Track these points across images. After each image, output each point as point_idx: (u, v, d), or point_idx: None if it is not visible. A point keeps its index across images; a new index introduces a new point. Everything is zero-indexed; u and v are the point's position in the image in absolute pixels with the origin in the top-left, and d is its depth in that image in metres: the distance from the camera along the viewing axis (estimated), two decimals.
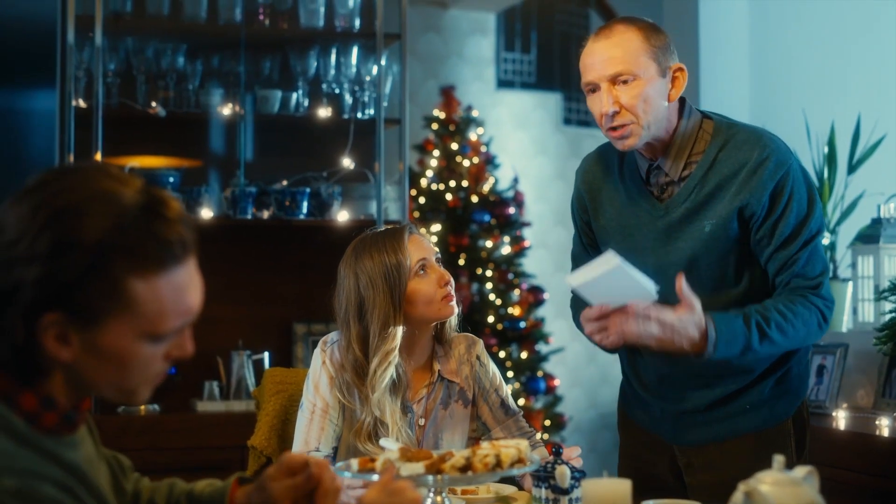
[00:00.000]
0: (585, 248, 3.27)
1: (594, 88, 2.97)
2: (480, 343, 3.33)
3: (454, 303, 3.15)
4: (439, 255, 3.20)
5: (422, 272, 3.11)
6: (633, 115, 2.93)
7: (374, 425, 3.07)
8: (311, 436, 3.11)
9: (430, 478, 2.42)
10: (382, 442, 2.89)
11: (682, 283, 2.80)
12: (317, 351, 3.20)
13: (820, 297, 2.97)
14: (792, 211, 2.94)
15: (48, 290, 1.57)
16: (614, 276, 2.77)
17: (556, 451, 2.77)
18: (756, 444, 3.06)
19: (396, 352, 3.09)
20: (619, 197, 3.12)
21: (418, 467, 2.42)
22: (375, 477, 2.46)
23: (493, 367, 3.31)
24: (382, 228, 3.23)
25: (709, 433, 3.09)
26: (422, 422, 3.17)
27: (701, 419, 3.09)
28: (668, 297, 2.96)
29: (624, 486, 2.28)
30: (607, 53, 2.94)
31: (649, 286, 2.80)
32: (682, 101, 3.06)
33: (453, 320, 3.24)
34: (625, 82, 2.91)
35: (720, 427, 3.08)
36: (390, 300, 3.08)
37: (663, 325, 2.80)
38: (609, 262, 2.75)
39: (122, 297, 1.60)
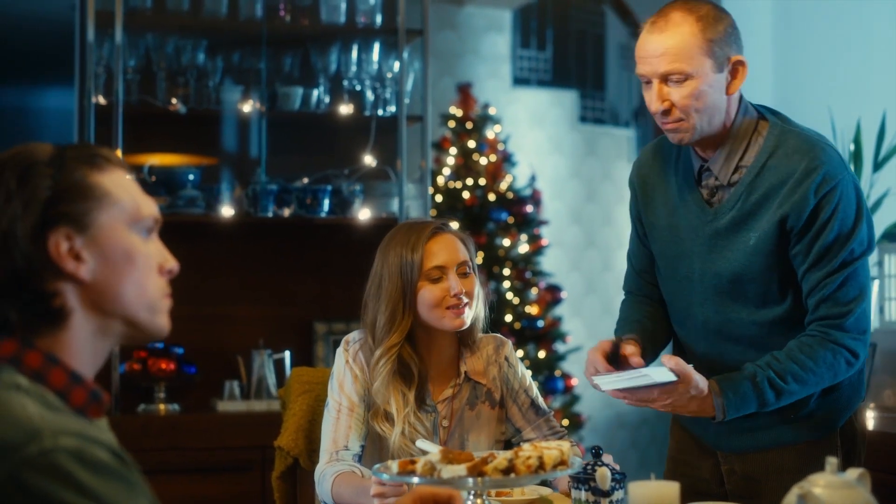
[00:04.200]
0: (641, 241, 3.17)
1: (647, 81, 2.84)
2: (509, 344, 3.29)
3: (465, 316, 3.09)
4: (467, 262, 3.13)
5: (435, 277, 3.07)
6: (684, 114, 2.80)
7: (384, 409, 3.07)
8: (339, 434, 3.07)
9: (471, 480, 2.38)
10: (420, 444, 2.85)
11: (666, 361, 2.74)
12: (339, 350, 3.18)
13: (845, 332, 2.81)
14: (832, 229, 2.78)
15: (37, 212, 1.71)
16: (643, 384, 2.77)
17: (596, 453, 2.73)
18: (800, 456, 2.94)
19: (399, 347, 3.07)
20: (671, 195, 3.01)
21: (460, 469, 2.38)
22: (416, 479, 2.42)
23: (521, 368, 3.27)
24: (419, 220, 3.21)
25: (752, 441, 2.99)
26: (445, 423, 3.13)
27: (744, 426, 2.96)
28: (708, 315, 2.93)
29: (672, 489, 2.23)
30: (660, 48, 2.78)
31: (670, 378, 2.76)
32: (739, 96, 2.91)
33: (480, 322, 3.19)
34: (677, 80, 2.78)
35: (764, 435, 2.97)
36: (401, 295, 3.08)
37: (664, 406, 2.78)
38: (638, 378, 2.74)
39: (95, 192, 1.76)
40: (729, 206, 2.88)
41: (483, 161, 8.21)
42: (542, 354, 8.03)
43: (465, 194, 8.09)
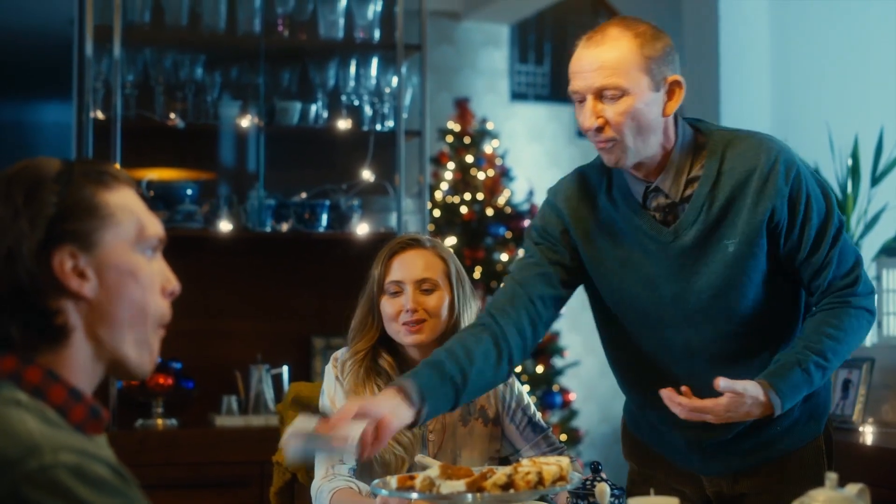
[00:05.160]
0: (547, 261, 2.91)
1: (580, 98, 2.71)
2: None
3: (417, 334, 3.09)
4: (430, 279, 3.12)
5: (393, 292, 3.13)
6: (618, 133, 2.68)
7: None
8: None
9: (470, 496, 2.38)
10: (419, 458, 2.85)
11: (718, 382, 2.61)
12: (328, 367, 3.21)
13: (860, 296, 2.80)
14: (813, 210, 2.75)
15: (42, 229, 1.71)
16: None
17: (596, 468, 2.72)
18: (789, 466, 2.92)
19: (365, 353, 3.13)
20: (612, 225, 2.86)
21: (459, 485, 2.37)
22: (414, 495, 2.42)
23: (518, 387, 3.26)
24: (402, 236, 3.31)
25: (740, 462, 2.94)
26: (433, 437, 3.12)
27: (732, 450, 2.92)
28: (689, 336, 2.82)
29: None
30: (595, 62, 2.66)
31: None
32: (676, 116, 2.79)
33: None
34: (611, 97, 2.66)
35: (752, 455, 2.93)
36: (369, 306, 3.17)
37: (718, 416, 2.67)
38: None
39: (101, 211, 1.76)
40: (690, 220, 2.77)
41: (481, 176, 8.22)
42: (539, 369, 8.02)
43: (463, 209, 8.09)
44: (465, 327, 2.95)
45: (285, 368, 5.23)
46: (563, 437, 7.96)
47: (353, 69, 5.41)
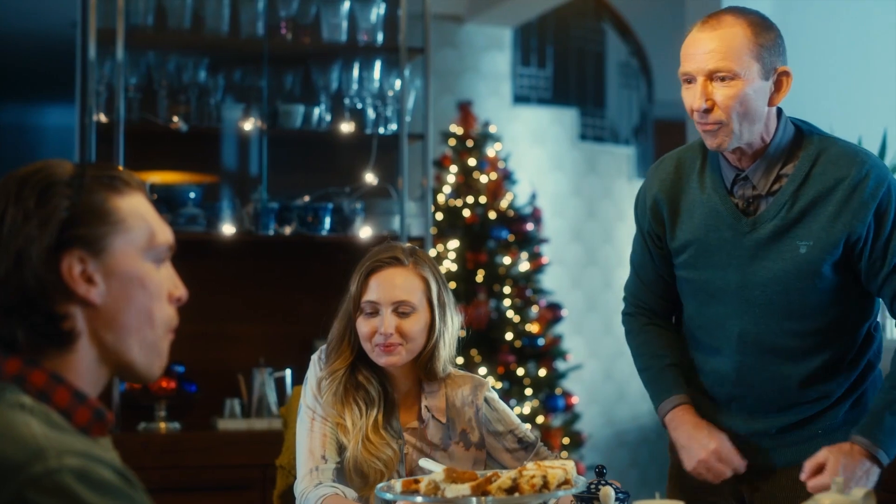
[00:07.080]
0: (652, 257, 3.07)
1: (690, 80, 2.80)
2: (488, 385, 3.17)
3: (394, 356, 2.99)
4: (407, 301, 3.00)
5: (369, 312, 3.00)
6: (725, 116, 2.75)
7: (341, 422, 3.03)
8: (314, 443, 3.00)
9: (475, 499, 2.37)
10: (423, 462, 2.83)
11: (810, 466, 2.73)
12: (314, 357, 3.15)
13: None
14: None
15: (52, 233, 1.70)
16: None
17: (600, 472, 2.72)
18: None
19: (342, 373, 3.04)
20: (699, 209, 2.93)
21: (464, 488, 2.37)
22: (419, 499, 2.41)
23: (501, 406, 3.15)
24: (384, 247, 3.10)
25: (777, 458, 2.95)
26: (408, 449, 3.04)
27: (769, 444, 2.94)
28: (745, 327, 2.86)
29: None
30: (709, 46, 2.75)
31: None
32: (778, 109, 2.89)
33: (441, 361, 3.07)
34: (722, 79, 2.75)
35: (789, 452, 2.93)
36: (345, 323, 3.06)
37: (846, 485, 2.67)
38: None
39: (112, 217, 1.75)
40: (770, 215, 2.82)
41: (484, 179, 8.22)
42: (542, 373, 8.01)
43: (466, 212, 8.09)
44: (650, 327, 3.15)
45: (288, 372, 5.22)
46: (566, 440, 7.96)
47: (356, 72, 5.41)
